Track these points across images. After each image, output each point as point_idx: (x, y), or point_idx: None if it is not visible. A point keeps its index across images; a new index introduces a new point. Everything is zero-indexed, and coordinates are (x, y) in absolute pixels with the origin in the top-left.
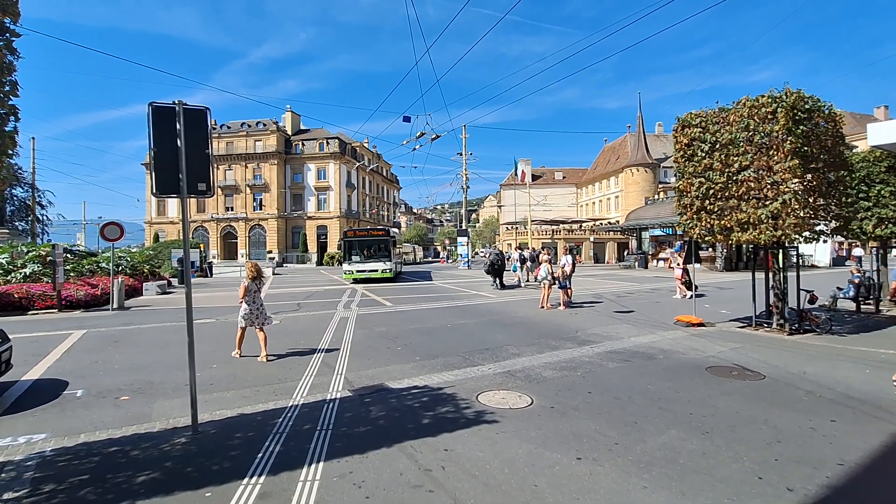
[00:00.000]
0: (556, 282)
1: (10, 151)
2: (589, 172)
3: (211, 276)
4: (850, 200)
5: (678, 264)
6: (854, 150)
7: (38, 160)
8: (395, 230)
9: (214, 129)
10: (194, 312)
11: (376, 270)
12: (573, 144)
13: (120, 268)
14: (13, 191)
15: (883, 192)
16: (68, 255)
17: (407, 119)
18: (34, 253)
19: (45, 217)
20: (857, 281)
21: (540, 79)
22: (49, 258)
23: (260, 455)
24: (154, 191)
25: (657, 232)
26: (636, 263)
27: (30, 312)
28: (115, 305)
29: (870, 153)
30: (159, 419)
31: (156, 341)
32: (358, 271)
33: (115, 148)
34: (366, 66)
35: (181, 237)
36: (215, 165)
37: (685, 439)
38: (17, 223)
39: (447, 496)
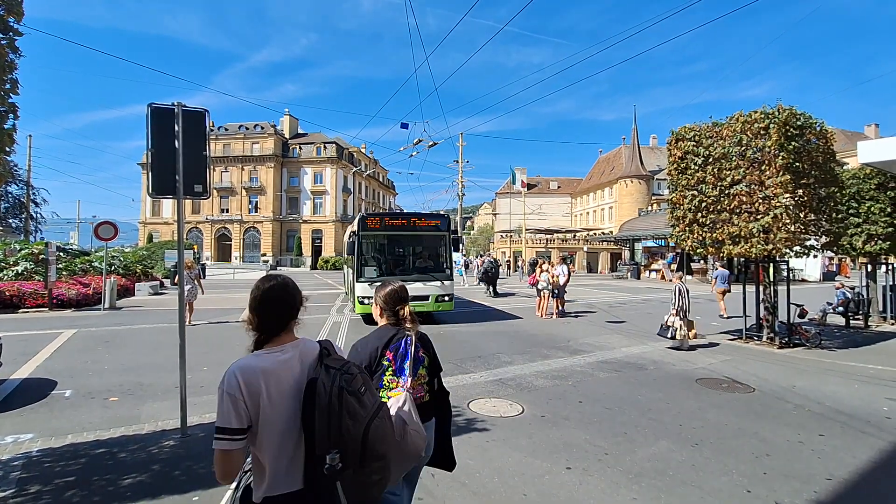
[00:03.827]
0: (554, 291)
1: (8, 149)
2: (584, 183)
3: (204, 277)
4: (840, 216)
5: (546, 270)
6: (845, 167)
7: (34, 158)
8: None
9: (212, 130)
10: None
11: (425, 298)
12: (569, 155)
13: (113, 267)
14: (8, 188)
15: (873, 208)
16: (61, 254)
17: (405, 126)
18: (27, 251)
19: (38, 215)
20: (843, 299)
21: (537, 89)
22: (41, 256)
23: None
24: (150, 191)
25: (650, 243)
26: (629, 274)
27: (20, 311)
28: (106, 305)
29: (860, 170)
30: (148, 421)
31: (146, 342)
32: None
33: (113, 147)
34: (365, 73)
35: (175, 238)
36: (212, 167)
37: (675, 451)
38: (10, 220)
39: None
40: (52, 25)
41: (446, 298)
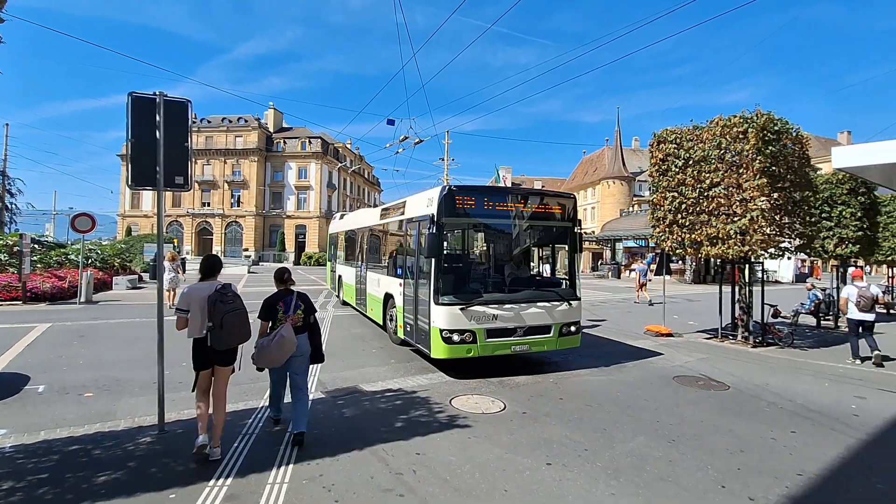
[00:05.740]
0: None
1: None
2: (567, 183)
3: (184, 272)
4: (813, 220)
5: None
6: (818, 172)
7: (9, 147)
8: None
9: (194, 122)
10: (164, 309)
11: (546, 331)
12: (553, 155)
13: (89, 260)
14: None
15: (844, 213)
16: (36, 246)
17: (391, 122)
18: (0, 242)
19: (13, 206)
20: (816, 300)
21: (523, 89)
22: (16, 248)
23: (228, 456)
24: (130, 182)
25: (631, 243)
26: (609, 273)
27: None
28: (82, 299)
29: (833, 175)
30: (124, 417)
31: (123, 337)
32: (493, 332)
33: (92, 138)
34: (352, 68)
35: (155, 231)
36: (193, 160)
37: (652, 447)
38: None
39: (418, 500)
40: (31, 13)
41: (572, 329)
